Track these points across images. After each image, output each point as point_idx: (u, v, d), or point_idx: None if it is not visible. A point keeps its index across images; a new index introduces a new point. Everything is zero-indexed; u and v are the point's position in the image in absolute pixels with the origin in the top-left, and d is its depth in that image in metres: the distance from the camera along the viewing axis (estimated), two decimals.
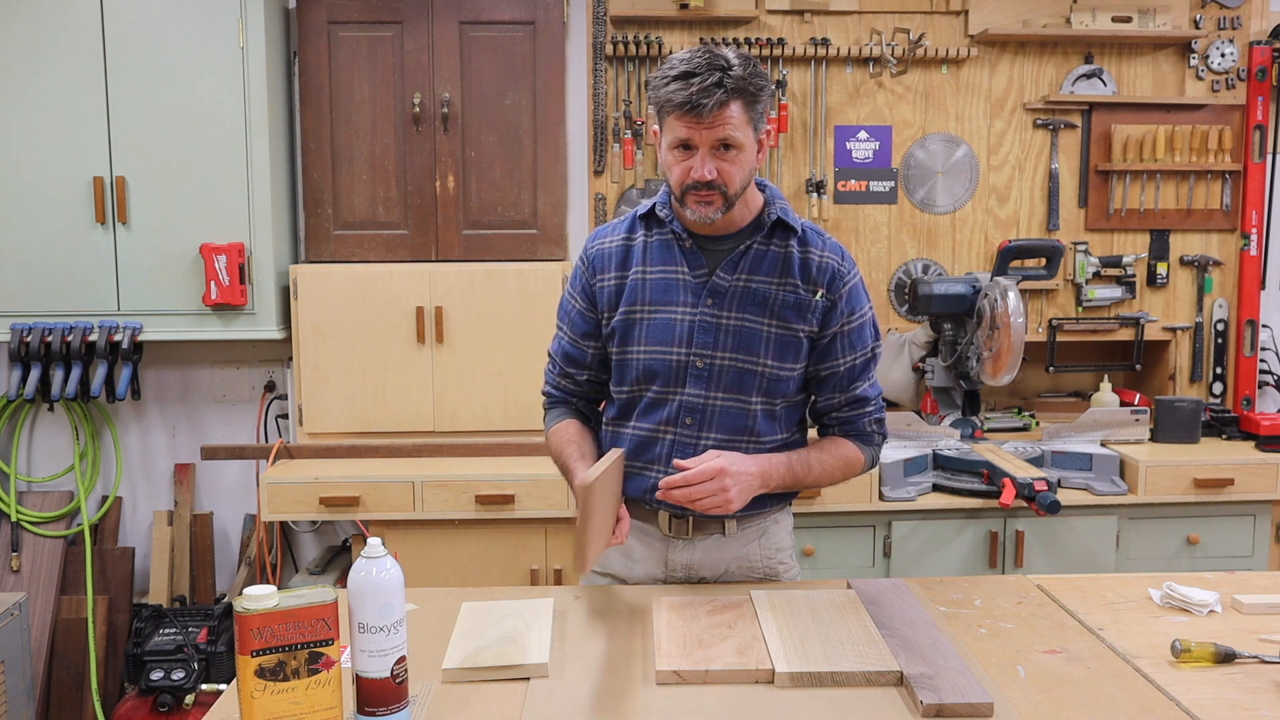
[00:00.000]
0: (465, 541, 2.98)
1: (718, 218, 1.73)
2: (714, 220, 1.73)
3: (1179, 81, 3.48)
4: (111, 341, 3.11)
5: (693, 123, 1.65)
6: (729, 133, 1.66)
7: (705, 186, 1.69)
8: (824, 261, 1.80)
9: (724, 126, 1.65)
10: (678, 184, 1.72)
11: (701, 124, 1.65)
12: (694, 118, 1.64)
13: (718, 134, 1.66)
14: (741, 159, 1.69)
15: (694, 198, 1.71)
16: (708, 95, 1.62)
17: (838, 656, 1.49)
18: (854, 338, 1.82)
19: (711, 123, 1.65)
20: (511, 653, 1.52)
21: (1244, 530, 3.02)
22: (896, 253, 3.50)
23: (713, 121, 1.65)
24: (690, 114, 1.64)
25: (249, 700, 1.27)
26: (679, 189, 1.72)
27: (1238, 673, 1.50)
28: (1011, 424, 3.39)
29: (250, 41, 3.06)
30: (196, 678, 2.98)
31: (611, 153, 3.40)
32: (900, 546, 2.93)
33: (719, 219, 1.73)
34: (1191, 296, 3.55)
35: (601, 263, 1.86)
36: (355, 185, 3.24)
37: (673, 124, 1.68)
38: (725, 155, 1.68)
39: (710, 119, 1.64)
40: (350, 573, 1.32)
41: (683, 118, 1.66)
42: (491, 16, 3.19)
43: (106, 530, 3.45)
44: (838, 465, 1.84)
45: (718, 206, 1.71)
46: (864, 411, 1.87)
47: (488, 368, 3.17)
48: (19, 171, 3.07)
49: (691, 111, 1.64)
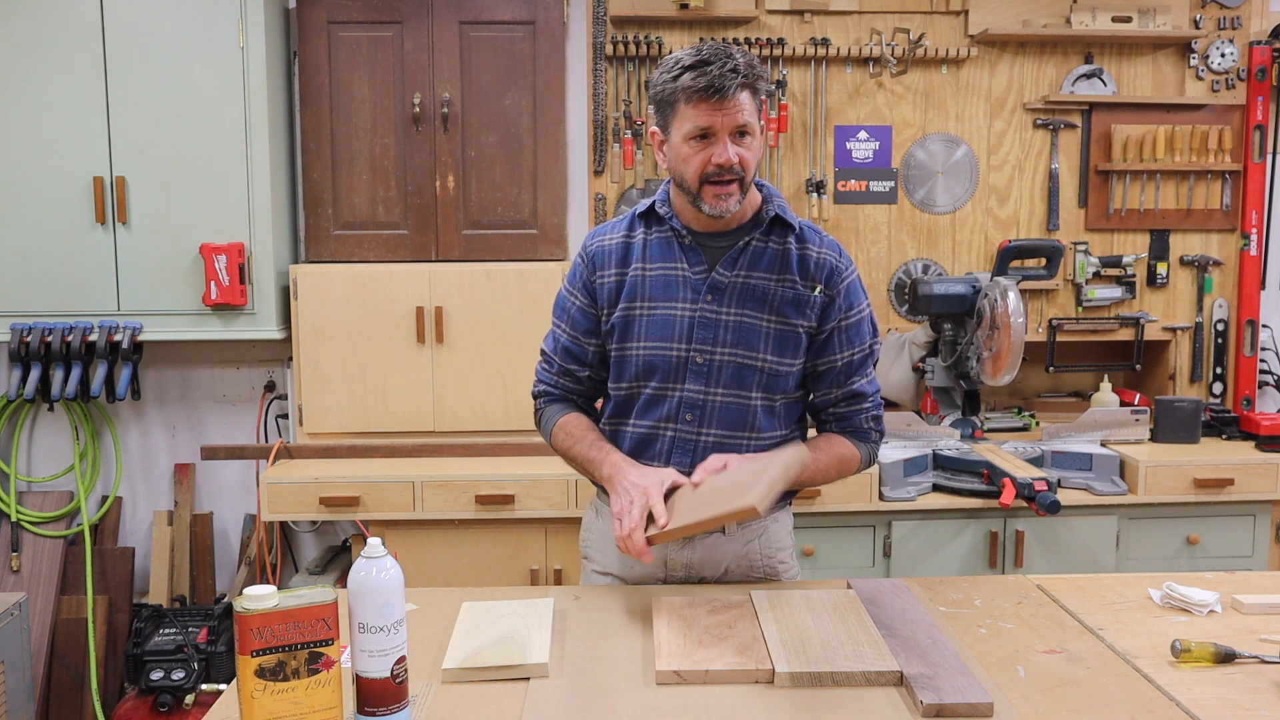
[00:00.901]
0: (465, 541, 2.98)
1: (736, 209, 1.73)
2: (732, 212, 1.74)
3: (1179, 81, 3.48)
4: (111, 341, 3.11)
5: (714, 108, 1.66)
6: (746, 118, 1.69)
7: (726, 173, 1.69)
8: (822, 258, 1.81)
9: (741, 111, 1.68)
10: (696, 175, 1.71)
11: (723, 108, 1.66)
12: (716, 102, 1.66)
13: (737, 119, 1.68)
14: (755, 146, 1.72)
15: (712, 190, 1.71)
16: (728, 79, 1.65)
17: (838, 656, 1.49)
18: (851, 333, 1.83)
19: (731, 107, 1.67)
20: (511, 653, 1.52)
21: (1244, 530, 3.02)
22: (896, 253, 3.50)
23: (732, 106, 1.67)
24: (713, 97, 1.65)
25: (249, 700, 1.27)
26: (697, 181, 1.72)
27: (1238, 673, 1.50)
28: (1011, 424, 3.39)
29: (250, 41, 3.06)
30: (196, 678, 2.98)
31: (611, 153, 3.40)
32: (900, 546, 2.93)
33: (735, 211, 1.74)
34: (1191, 296, 3.55)
35: (602, 259, 1.86)
36: (355, 185, 3.24)
37: (689, 114, 1.69)
38: (742, 142, 1.70)
39: (731, 103, 1.66)
40: (350, 573, 1.32)
41: (703, 103, 1.67)
42: (491, 16, 3.19)
43: (106, 530, 3.45)
44: (833, 464, 1.85)
45: (736, 197, 1.73)
46: (861, 408, 1.87)
47: (488, 368, 3.17)
48: (19, 171, 3.07)
49: (715, 95, 1.65)
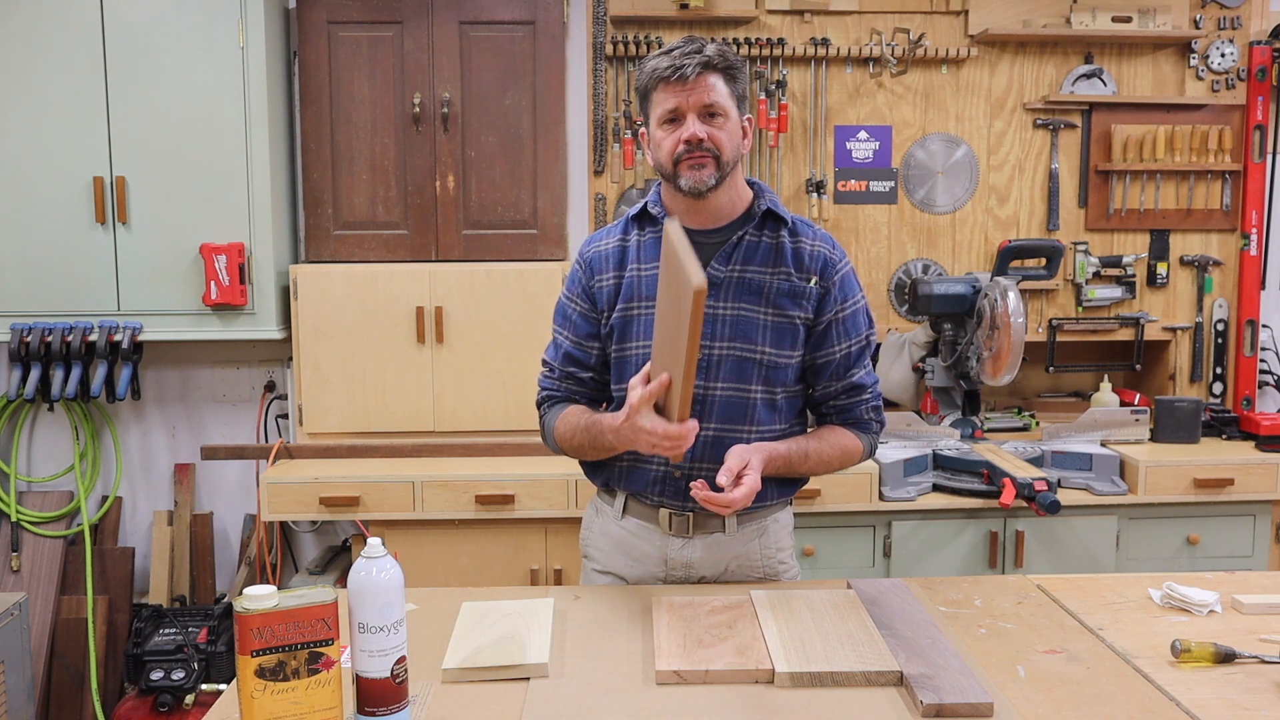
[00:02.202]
0: (465, 541, 2.98)
1: (713, 184, 1.75)
2: (709, 186, 1.74)
3: (1179, 81, 3.48)
4: (111, 341, 3.10)
5: (678, 89, 1.72)
6: (714, 98, 1.73)
7: (697, 148, 1.72)
8: (816, 250, 1.83)
9: (709, 92, 1.73)
10: (669, 155, 1.75)
11: (686, 88, 1.72)
12: (679, 83, 1.72)
13: (703, 99, 1.72)
14: (729, 127, 1.75)
15: (687, 162, 1.74)
16: (689, 59, 1.71)
17: (838, 656, 1.49)
18: (848, 324, 1.84)
19: (695, 86, 1.72)
20: (511, 653, 1.52)
21: (1244, 530, 3.02)
22: (896, 253, 3.50)
23: (696, 85, 1.72)
24: (675, 79, 1.71)
25: (249, 700, 1.27)
26: (670, 161, 1.75)
27: (1238, 673, 1.50)
28: (1011, 424, 3.39)
29: (250, 41, 3.06)
30: (196, 678, 2.98)
31: (611, 153, 3.40)
32: (900, 546, 2.93)
33: (712, 187, 1.74)
34: (1191, 296, 3.55)
35: (599, 264, 1.87)
36: (355, 185, 3.24)
37: (659, 99, 1.75)
38: (713, 122, 1.74)
39: (694, 82, 1.72)
40: (350, 573, 1.32)
41: (669, 86, 1.73)
42: (491, 16, 3.19)
43: (106, 530, 3.45)
44: (835, 454, 1.86)
45: (711, 171, 1.74)
46: (861, 399, 1.88)
47: (488, 368, 3.17)
48: (19, 171, 3.07)
49: (676, 75, 1.71)
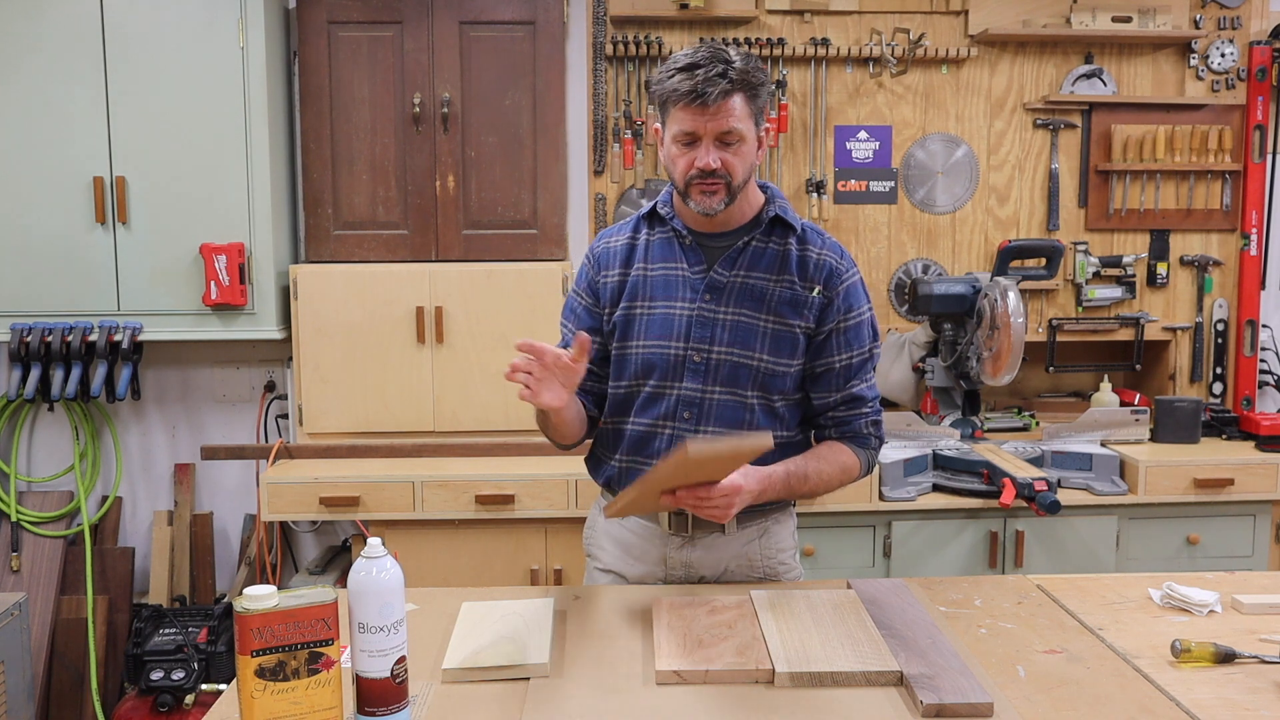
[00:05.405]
0: (465, 541, 2.98)
1: (722, 208, 1.74)
2: (718, 211, 1.74)
3: (1179, 81, 3.48)
4: (111, 341, 3.10)
5: (697, 113, 1.67)
6: (732, 124, 1.68)
7: (710, 176, 1.70)
8: (822, 259, 1.81)
9: (728, 118, 1.68)
10: (682, 176, 1.73)
11: (706, 114, 1.67)
12: (699, 108, 1.67)
13: (721, 125, 1.68)
14: (744, 150, 1.72)
15: (699, 188, 1.72)
16: (712, 85, 1.65)
17: (838, 656, 1.49)
18: (850, 335, 1.83)
19: (715, 113, 1.67)
20: (511, 653, 1.52)
21: (1244, 530, 3.02)
22: (896, 253, 3.50)
23: (716, 112, 1.67)
24: (695, 104, 1.66)
25: (249, 700, 1.27)
26: (683, 181, 1.74)
27: (1238, 673, 1.49)
28: (1011, 424, 3.39)
29: (250, 41, 3.06)
30: (196, 678, 2.98)
31: (611, 153, 3.40)
32: (900, 546, 2.93)
33: (721, 210, 1.74)
34: (1191, 296, 3.55)
35: (607, 260, 1.88)
36: (355, 185, 3.24)
37: (677, 116, 1.70)
38: (728, 148, 1.70)
39: (714, 109, 1.66)
40: (350, 573, 1.32)
41: (688, 109, 1.68)
42: (491, 16, 3.19)
43: (106, 530, 3.45)
44: (834, 473, 1.84)
45: (721, 197, 1.73)
46: (860, 412, 1.86)
47: (488, 368, 3.17)
48: (19, 171, 3.07)
49: (696, 101, 1.66)
